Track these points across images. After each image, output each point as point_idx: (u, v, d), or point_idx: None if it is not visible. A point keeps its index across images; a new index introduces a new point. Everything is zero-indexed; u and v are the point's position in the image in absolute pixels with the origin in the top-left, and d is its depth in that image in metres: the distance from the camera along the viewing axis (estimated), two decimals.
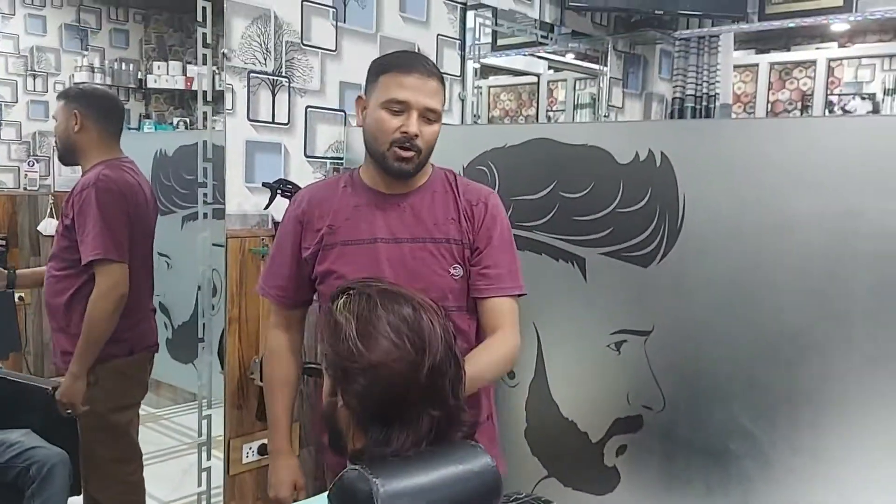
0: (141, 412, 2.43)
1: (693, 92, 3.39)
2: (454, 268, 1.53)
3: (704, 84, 3.37)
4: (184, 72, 4.35)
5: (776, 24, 3.05)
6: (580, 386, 1.85)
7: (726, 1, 3.01)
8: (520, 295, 1.56)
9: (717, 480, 1.62)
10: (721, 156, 1.60)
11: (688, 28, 3.35)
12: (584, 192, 1.76)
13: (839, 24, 4.66)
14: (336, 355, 1.03)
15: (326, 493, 0.97)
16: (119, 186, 2.14)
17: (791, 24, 3.02)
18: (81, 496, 2.23)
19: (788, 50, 5.27)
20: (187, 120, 4.39)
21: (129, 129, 3.91)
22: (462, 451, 1.02)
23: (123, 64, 4.26)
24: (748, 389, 1.58)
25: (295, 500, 1.61)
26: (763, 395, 1.56)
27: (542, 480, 1.87)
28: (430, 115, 1.51)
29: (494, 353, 1.50)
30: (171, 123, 4.44)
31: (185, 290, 2.81)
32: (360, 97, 1.59)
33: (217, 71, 2.06)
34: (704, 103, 3.37)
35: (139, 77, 4.35)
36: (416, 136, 1.48)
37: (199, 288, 2.07)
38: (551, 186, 1.81)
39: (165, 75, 4.37)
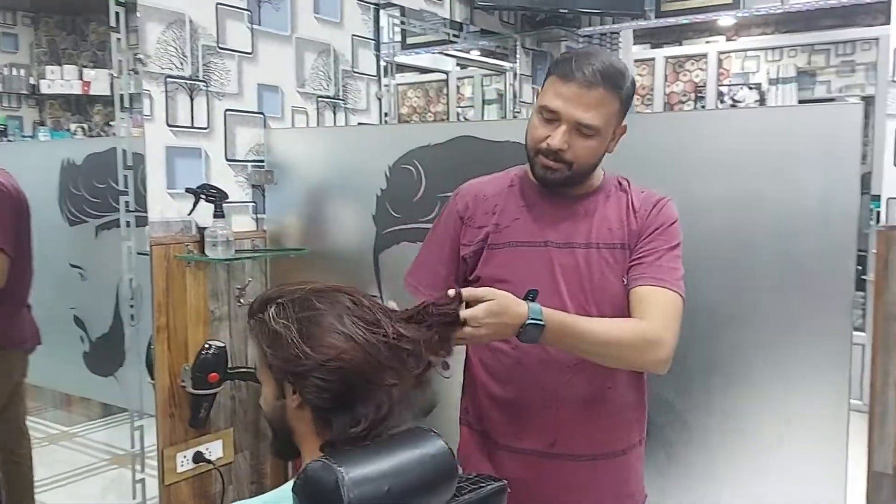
0: (52, 431, 2.35)
1: None
2: (620, 280, 1.39)
3: None
4: (80, 76, 4.19)
5: (671, 20, 3.22)
6: None
7: (624, 0, 3.16)
8: (673, 290, 1.35)
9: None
10: (633, 148, 1.70)
11: (590, 25, 3.50)
12: None
13: (726, 19, 4.95)
14: (283, 362, 1.06)
15: (290, 484, 1.00)
16: (5, 186, 2.12)
17: (685, 21, 3.21)
18: None
19: (681, 44, 5.55)
20: (85, 126, 4.23)
21: (24, 137, 3.74)
22: (419, 436, 1.07)
23: (14, 69, 4.06)
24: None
25: None
26: (681, 367, 1.67)
27: None
28: (584, 132, 1.34)
29: (627, 324, 1.34)
30: (69, 130, 4.27)
31: (101, 301, 2.73)
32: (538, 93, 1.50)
33: (128, 75, 2.01)
34: None
35: (31, 83, 4.16)
36: (562, 150, 1.34)
37: (131, 297, 2.03)
38: None
39: (60, 80, 4.17)
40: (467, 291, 1.20)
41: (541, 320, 1.22)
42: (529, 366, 1.43)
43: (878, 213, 2.76)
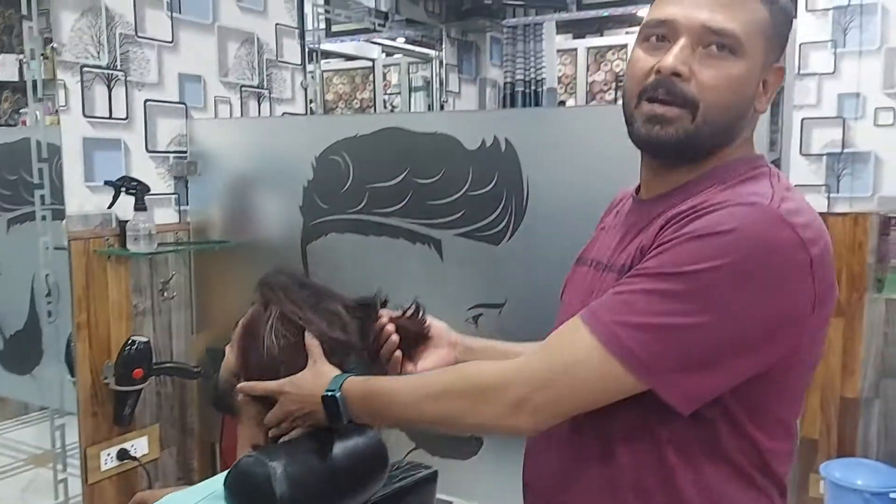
0: None
1: (522, 77, 3.61)
2: None
3: (532, 69, 3.60)
4: None
5: (592, 12, 3.30)
6: None
7: None
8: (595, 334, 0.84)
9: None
10: (557, 140, 1.76)
11: (514, 16, 3.55)
12: (436, 177, 1.86)
13: (645, 11, 5.10)
14: (257, 361, 1.09)
15: (222, 477, 1.01)
16: None
17: (605, 14, 3.29)
18: None
19: (602, 35, 5.68)
20: None
21: None
22: (350, 427, 1.09)
23: None
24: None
25: None
26: None
27: (411, 452, 1.97)
28: (718, 43, 0.87)
29: (469, 374, 0.95)
30: None
31: (14, 297, 2.63)
32: None
33: (40, 63, 1.94)
34: (533, 87, 3.60)
35: None
36: (677, 74, 0.87)
37: (47, 294, 1.96)
38: (405, 173, 1.89)
39: None
40: (251, 386, 1.06)
41: (333, 391, 0.99)
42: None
43: None
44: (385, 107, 5.12)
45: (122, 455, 2.10)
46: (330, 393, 0.99)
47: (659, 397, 0.83)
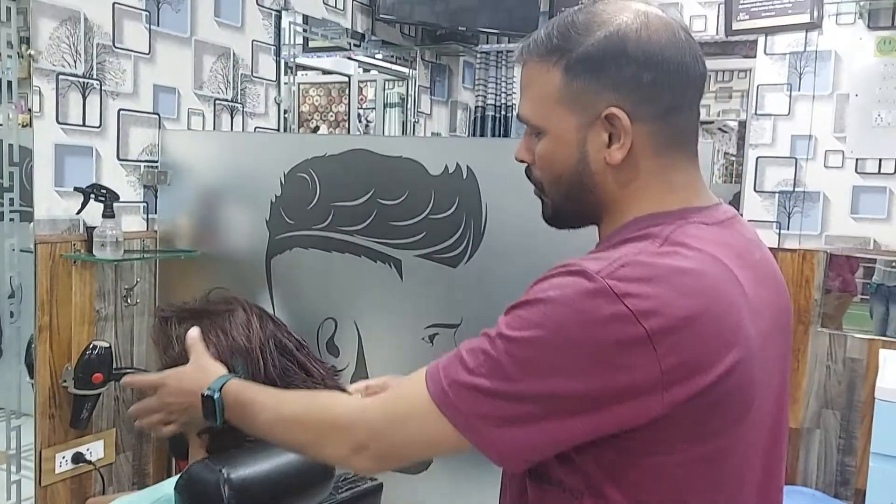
0: None
1: (493, 101, 3.70)
2: None
3: (503, 95, 3.69)
4: None
5: None
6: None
7: (520, 22, 3.32)
8: (438, 401, 0.83)
9: None
10: (515, 169, 1.82)
11: (487, 43, 3.64)
12: (400, 199, 1.92)
13: None
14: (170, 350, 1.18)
15: (172, 481, 1.05)
16: None
17: None
18: None
19: None
20: None
21: None
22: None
23: None
24: None
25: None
26: None
27: None
28: (530, 129, 0.91)
29: (325, 399, 0.98)
30: None
31: None
32: None
33: (14, 63, 1.97)
34: (503, 112, 3.68)
35: None
36: (521, 160, 0.96)
37: (10, 295, 1.98)
38: (370, 194, 1.95)
39: None
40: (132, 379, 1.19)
41: (213, 391, 1.01)
42: None
43: None
44: (360, 121, 5.18)
45: (78, 458, 2.12)
46: (208, 392, 1.01)
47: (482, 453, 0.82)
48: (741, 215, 0.91)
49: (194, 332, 1.12)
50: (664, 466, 0.80)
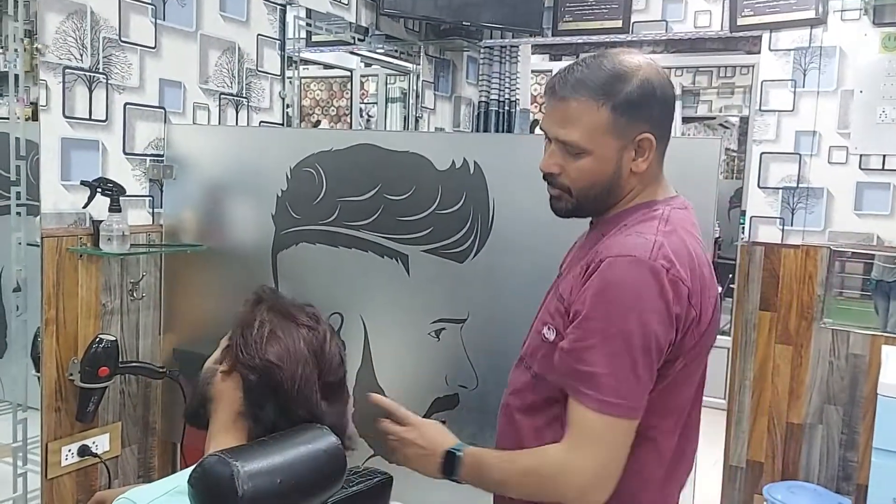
0: None
1: (497, 97, 3.69)
2: (547, 328, 1.20)
3: (507, 90, 3.69)
4: None
5: (567, 38, 3.40)
6: (404, 371, 2.03)
7: (524, 17, 3.32)
8: (606, 413, 1.06)
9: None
10: (523, 165, 1.83)
11: (491, 38, 3.64)
12: (407, 194, 1.93)
13: (620, 39, 5.23)
14: (244, 343, 1.20)
15: (185, 473, 1.06)
16: None
17: (579, 41, 3.40)
18: None
19: (577, 57, 5.80)
20: None
21: None
22: (311, 433, 1.15)
23: None
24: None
25: None
26: None
27: (369, 459, 2.03)
28: (570, 149, 1.17)
29: (522, 461, 1.14)
30: None
31: None
32: None
33: (20, 57, 1.97)
34: (506, 108, 3.68)
35: None
36: (550, 173, 1.21)
37: (16, 289, 1.98)
38: (376, 189, 1.96)
39: None
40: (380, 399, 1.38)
41: (458, 450, 1.23)
42: None
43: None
44: (361, 116, 5.18)
45: (84, 451, 2.13)
46: (455, 450, 1.22)
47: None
48: (744, 211, 1.32)
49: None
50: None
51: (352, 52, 4.12)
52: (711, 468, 3.10)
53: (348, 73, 5.07)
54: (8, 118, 1.93)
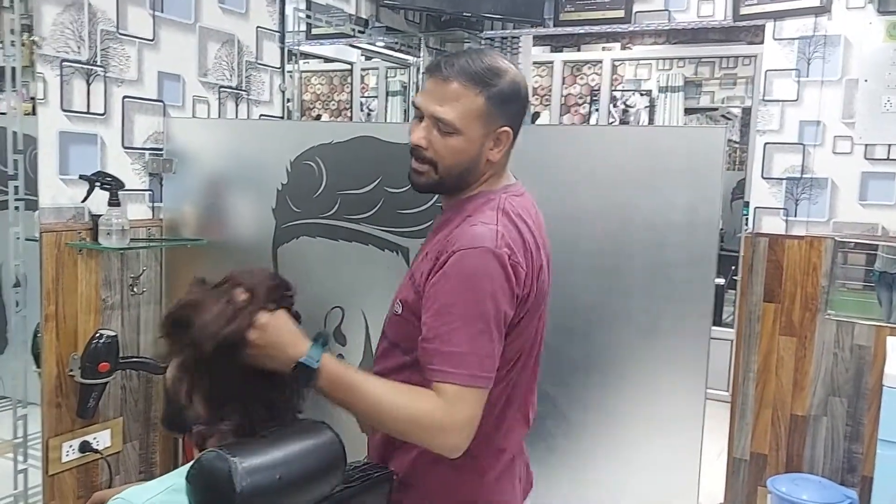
0: None
1: None
2: (397, 304, 1.32)
3: None
4: None
5: (568, 29, 3.38)
6: None
7: (525, 7, 3.29)
8: (472, 386, 1.18)
9: (526, 438, 1.86)
10: (527, 157, 1.81)
11: (492, 29, 3.61)
12: (408, 187, 1.89)
13: (622, 29, 5.20)
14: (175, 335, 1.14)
15: (184, 470, 1.05)
16: None
17: (581, 31, 3.37)
18: None
19: (579, 49, 5.78)
20: None
21: None
22: (310, 428, 1.14)
23: None
24: (549, 359, 1.80)
25: None
26: (561, 364, 1.80)
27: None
28: (443, 126, 1.26)
29: (413, 398, 1.19)
30: None
31: None
32: None
33: (17, 50, 1.95)
34: None
35: None
36: (419, 146, 1.29)
37: (15, 284, 1.97)
38: (377, 182, 1.94)
39: None
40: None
41: (313, 364, 1.15)
42: None
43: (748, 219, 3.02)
44: (362, 109, 5.16)
45: (84, 447, 2.12)
46: (308, 361, 1.15)
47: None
48: (747, 202, 1.18)
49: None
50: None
51: (352, 45, 4.09)
52: (715, 460, 3.09)
53: (348, 67, 5.05)
54: (6, 113, 1.92)
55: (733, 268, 4.62)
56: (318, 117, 5.50)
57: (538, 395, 1.83)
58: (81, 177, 2.02)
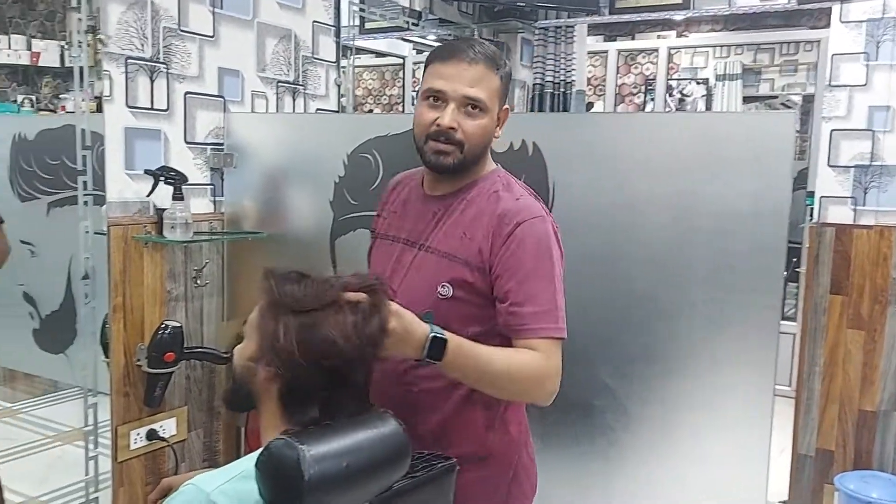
0: None
1: (552, 78, 3.63)
2: (442, 286, 1.36)
3: (562, 71, 3.63)
4: (28, 46, 4.10)
5: (624, 16, 3.32)
6: None
7: None
8: (560, 338, 1.33)
9: (583, 432, 1.84)
10: (584, 145, 1.79)
11: (546, 18, 3.58)
12: None
13: (680, 16, 5.09)
14: (274, 339, 1.12)
15: (251, 457, 1.06)
16: None
17: (636, 19, 3.31)
18: None
19: (633, 38, 5.68)
20: (34, 98, 4.15)
21: None
22: (376, 418, 1.14)
23: None
24: (608, 350, 1.79)
25: None
26: (620, 355, 1.78)
27: None
28: (472, 107, 1.34)
29: (527, 358, 1.30)
30: (15, 101, 4.18)
31: (52, 278, 2.73)
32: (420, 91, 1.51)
33: (83, 51, 2.01)
34: (562, 89, 3.62)
35: None
36: (452, 128, 1.34)
37: (85, 276, 2.04)
38: None
39: (7, 49, 4.09)
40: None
41: (444, 335, 1.21)
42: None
43: (813, 209, 2.92)
44: (413, 104, 5.18)
45: (151, 435, 2.17)
46: (440, 333, 1.21)
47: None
48: (811, 191, 1.30)
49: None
50: None
51: (403, 39, 4.10)
52: (778, 456, 3.01)
53: (400, 61, 5.06)
54: (74, 112, 1.97)
55: (794, 260, 4.49)
56: (370, 112, 5.53)
57: (597, 386, 1.81)
58: (146, 171, 2.07)
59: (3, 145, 2.91)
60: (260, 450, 1.05)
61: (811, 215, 2.93)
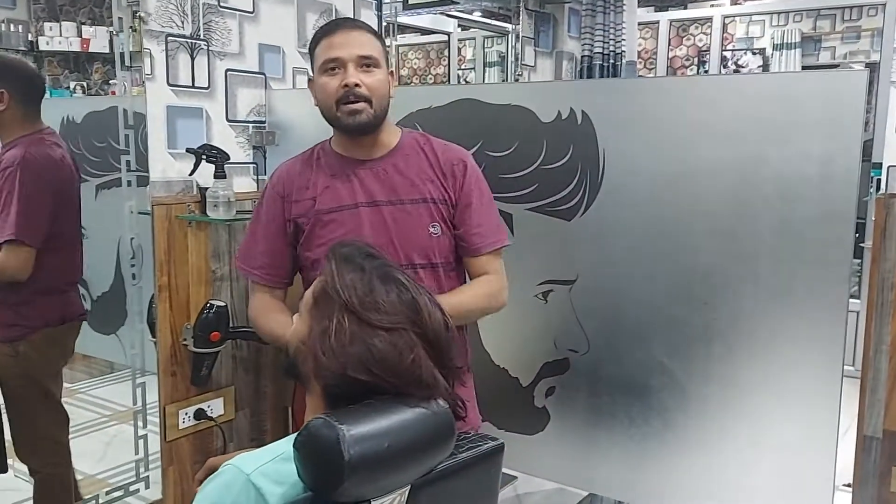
0: None
1: (601, 50, 3.52)
2: (432, 226, 1.59)
3: (611, 42, 3.51)
4: (79, 33, 4.15)
5: None
6: (510, 335, 1.96)
7: None
8: (504, 246, 1.65)
9: (638, 412, 1.77)
10: (636, 112, 1.71)
11: None
12: (510, 150, 1.83)
13: None
14: (323, 337, 1.08)
15: (291, 438, 1.03)
16: (44, 165, 2.12)
17: None
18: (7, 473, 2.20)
19: (686, 7, 5.50)
20: (84, 84, 4.21)
21: None
22: (419, 396, 1.09)
23: (12, 25, 4.02)
24: (665, 328, 1.71)
25: None
26: (679, 333, 1.70)
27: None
28: (367, 63, 1.55)
29: (477, 289, 1.60)
30: (68, 88, 4.24)
31: (102, 260, 2.75)
32: (310, 80, 1.66)
33: (127, 33, 2.00)
34: (612, 61, 3.50)
35: (30, 39, 4.11)
36: (357, 84, 1.53)
37: (132, 257, 2.04)
38: (478, 146, 1.87)
39: (59, 37, 4.15)
40: None
41: None
42: None
43: (878, 180, 2.77)
44: (459, 82, 5.10)
45: (199, 415, 2.17)
46: None
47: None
48: (876, 164, 1.28)
49: None
50: None
51: (448, 15, 4.03)
52: (842, 437, 2.89)
53: (445, 39, 4.99)
54: (118, 95, 1.97)
55: (857, 235, 4.30)
56: None
57: (653, 365, 1.73)
58: (188, 150, 2.05)
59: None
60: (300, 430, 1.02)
61: (877, 187, 2.77)
